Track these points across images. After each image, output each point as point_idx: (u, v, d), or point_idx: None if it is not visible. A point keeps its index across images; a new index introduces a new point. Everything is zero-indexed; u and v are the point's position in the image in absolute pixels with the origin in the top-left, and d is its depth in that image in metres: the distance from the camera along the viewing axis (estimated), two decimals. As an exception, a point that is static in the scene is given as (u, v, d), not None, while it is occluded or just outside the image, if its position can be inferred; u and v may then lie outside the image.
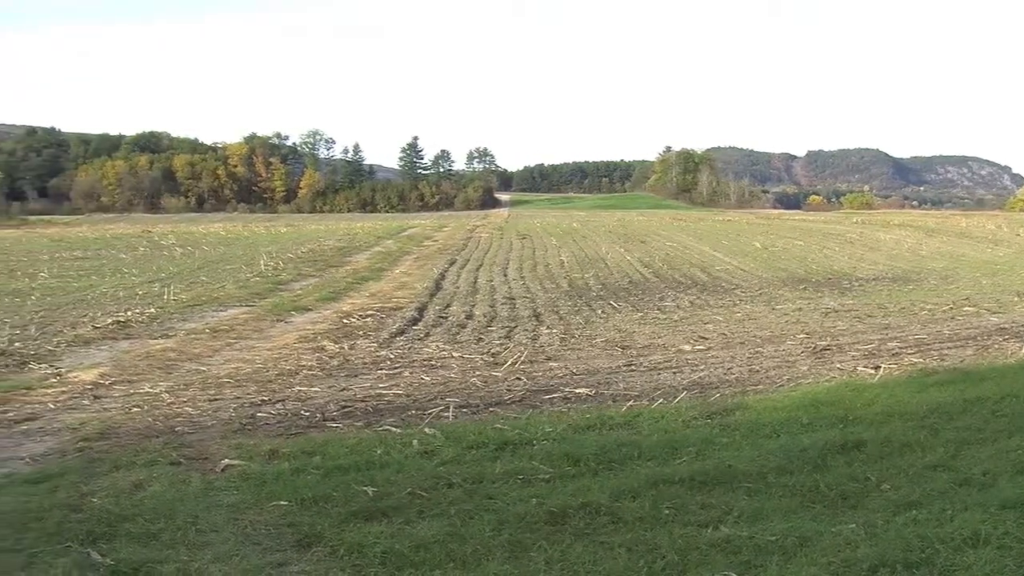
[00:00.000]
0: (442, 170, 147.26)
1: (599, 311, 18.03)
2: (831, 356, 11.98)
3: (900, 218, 68.43)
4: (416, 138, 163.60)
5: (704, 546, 4.86)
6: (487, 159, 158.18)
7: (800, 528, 5.06)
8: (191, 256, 33.96)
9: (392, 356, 12.44)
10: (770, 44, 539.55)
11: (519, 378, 10.65)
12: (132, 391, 9.84)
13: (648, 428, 7.66)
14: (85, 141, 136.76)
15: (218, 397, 9.54)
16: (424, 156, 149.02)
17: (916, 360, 11.30)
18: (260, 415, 8.64)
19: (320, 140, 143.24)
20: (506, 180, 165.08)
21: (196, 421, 8.40)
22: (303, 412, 8.78)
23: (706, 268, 28.67)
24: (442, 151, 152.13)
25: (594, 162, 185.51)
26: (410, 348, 13.26)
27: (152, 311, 16.65)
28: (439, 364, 11.82)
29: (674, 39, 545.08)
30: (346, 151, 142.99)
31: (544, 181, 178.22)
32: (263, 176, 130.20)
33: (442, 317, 17.01)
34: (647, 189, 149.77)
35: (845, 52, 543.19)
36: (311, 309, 18.08)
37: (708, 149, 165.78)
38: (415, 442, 7.18)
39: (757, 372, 10.90)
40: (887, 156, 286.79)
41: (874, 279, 25.02)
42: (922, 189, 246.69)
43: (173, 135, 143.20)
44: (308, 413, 8.74)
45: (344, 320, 16.29)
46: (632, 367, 11.43)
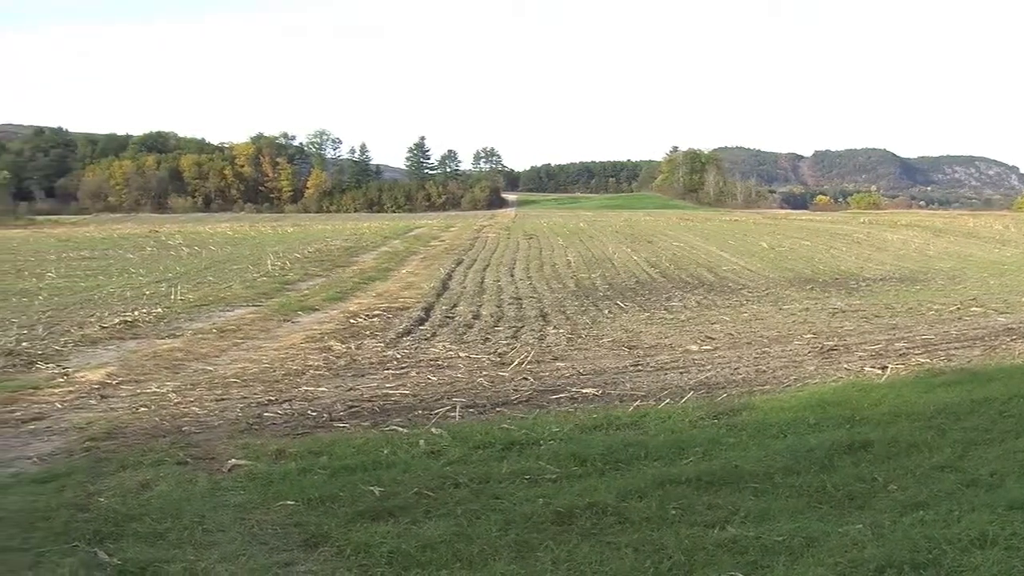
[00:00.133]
0: (449, 170, 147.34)
1: (606, 311, 18.01)
2: (838, 356, 11.94)
3: (907, 218, 68.31)
4: (423, 138, 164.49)
5: (711, 546, 4.86)
6: (494, 159, 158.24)
7: (807, 528, 5.06)
8: (198, 256, 34.05)
9: (399, 356, 12.44)
10: (777, 44, 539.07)
11: (526, 378, 10.64)
12: (139, 391, 9.86)
13: (655, 428, 7.66)
14: (92, 141, 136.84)
15: (225, 397, 9.55)
16: (431, 156, 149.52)
17: (923, 360, 11.26)
18: (267, 415, 8.65)
19: (327, 140, 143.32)
20: (513, 180, 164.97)
21: (203, 421, 8.41)
22: (310, 412, 8.79)
23: (713, 268, 28.62)
24: (449, 151, 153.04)
25: (601, 162, 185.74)
26: (417, 348, 13.26)
27: (159, 311, 16.71)
28: (446, 364, 11.82)
29: (681, 38, 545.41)
30: (353, 151, 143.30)
31: (551, 181, 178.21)
32: (270, 176, 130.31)
33: (449, 317, 17.01)
34: (654, 189, 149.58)
35: (852, 52, 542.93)
36: (318, 309, 18.09)
37: (715, 149, 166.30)
38: (422, 442, 7.18)
39: (764, 372, 10.87)
40: (894, 156, 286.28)
41: (881, 279, 24.94)
42: (929, 189, 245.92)
43: (180, 135, 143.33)
44: (315, 413, 8.74)
45: (351, 320, 16.30)
46: (639, 367, 11.41)
